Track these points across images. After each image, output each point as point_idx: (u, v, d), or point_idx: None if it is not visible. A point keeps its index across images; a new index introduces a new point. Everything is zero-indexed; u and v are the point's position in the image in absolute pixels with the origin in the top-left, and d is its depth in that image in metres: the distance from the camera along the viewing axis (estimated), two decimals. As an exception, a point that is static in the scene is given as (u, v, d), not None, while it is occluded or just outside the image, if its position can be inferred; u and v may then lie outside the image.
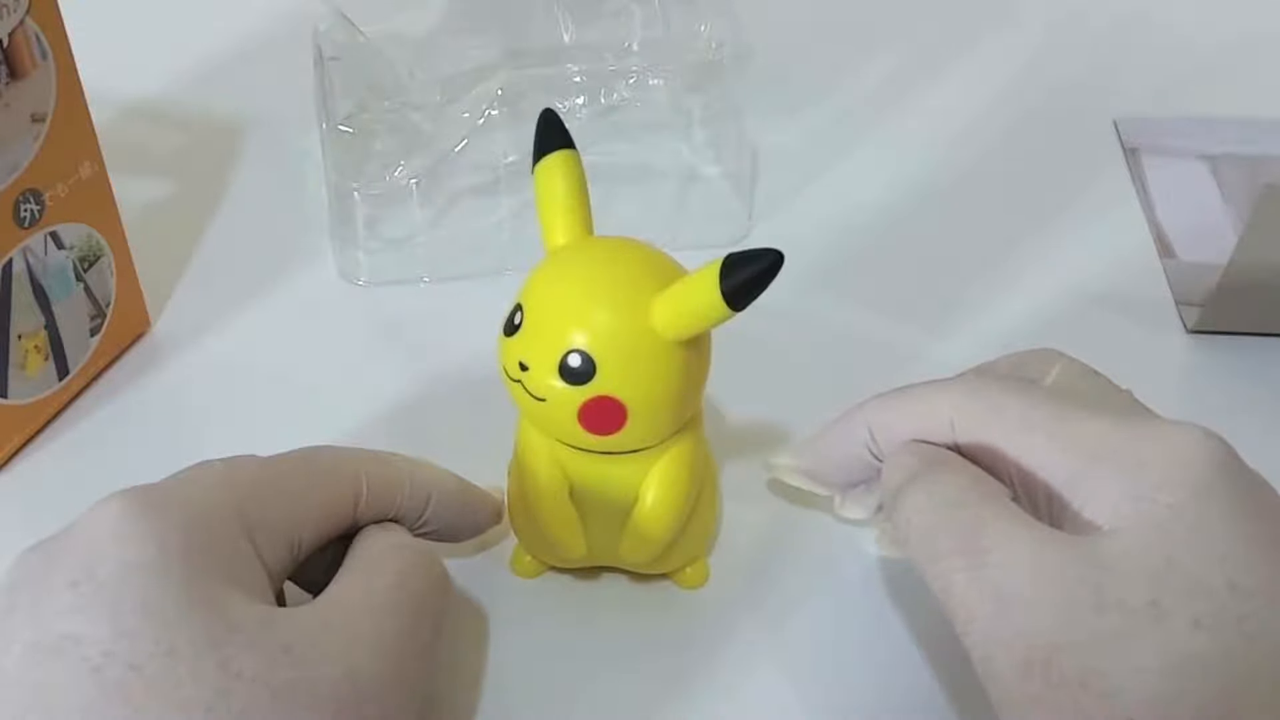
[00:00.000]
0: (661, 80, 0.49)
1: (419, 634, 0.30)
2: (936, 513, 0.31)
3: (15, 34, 0.36)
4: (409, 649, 0.29)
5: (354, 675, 0.27)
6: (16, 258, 0.39)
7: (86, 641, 0.25)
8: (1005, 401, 0.32)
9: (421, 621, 0.30)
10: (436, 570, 0.32)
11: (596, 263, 0.33)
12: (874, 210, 0.51)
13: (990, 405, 0.32)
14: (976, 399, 0.32)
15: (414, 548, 0.32)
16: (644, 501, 0.34)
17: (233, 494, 0.29)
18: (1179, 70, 0.58)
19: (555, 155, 0.34)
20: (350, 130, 0.46)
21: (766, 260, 0.29)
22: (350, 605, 0.29)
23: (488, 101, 0.46)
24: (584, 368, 0.31)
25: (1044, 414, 0.31)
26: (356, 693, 0.27)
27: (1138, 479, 0.29)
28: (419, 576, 0.31)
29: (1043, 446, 0.31)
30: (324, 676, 0.27)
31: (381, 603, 0.29)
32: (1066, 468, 0.30)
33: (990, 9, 0.61)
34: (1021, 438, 0.31)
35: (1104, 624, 0.27)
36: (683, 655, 0.36)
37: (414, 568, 0.31)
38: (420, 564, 0.31)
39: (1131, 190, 0.52)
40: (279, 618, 0.27)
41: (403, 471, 0.34)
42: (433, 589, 0.31)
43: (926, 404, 0.33)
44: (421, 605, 0.30)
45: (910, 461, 0.32)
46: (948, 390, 0.33)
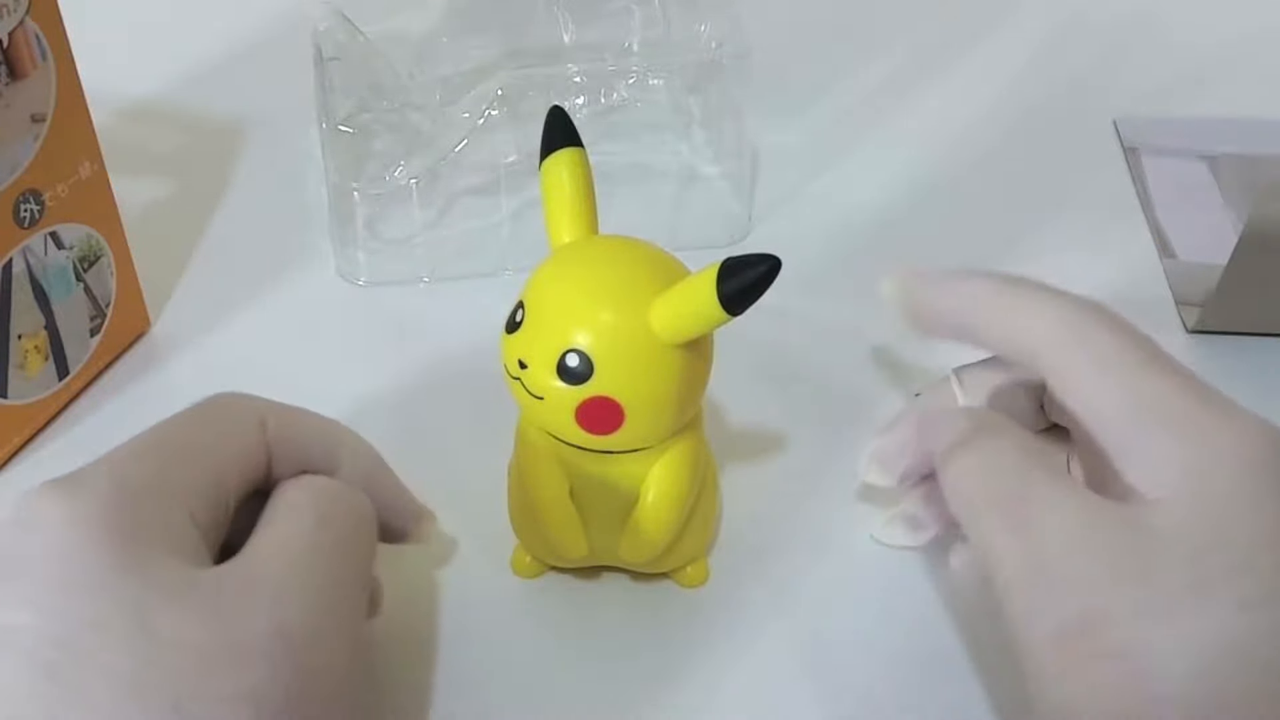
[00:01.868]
0: (661, 80, 0.50)
1: (347, 577, 0.29)
2: (985, 476, 0.30)
3: (15, 34, 0.36)
4: (339, 594, 0.29)
5: (284, 628, 0.27)
6: (16, 258, 0.39)
7: (20, 629, 0.25)
8: (1098, 335, 0.31)
9: (349, 564, 0.30)
10: (360, 510, 0.31)
11: (598, 263, 0.33)
12: (874, 210, 0.51)
13: (1082, 336, 0.31)
14: (1075, 322, 0.31)
15: (332, 490, 0.31)
16: (644, 501, 0.34)
17: (152, 461, 0.29)
18: (1179, 70, 0.58)
19: (562, 153, 0.34)
20: (350, 130, 0.46)
21: (764, 266, 0.29)
22: (274, 556, 0.28)
23: (488, 101, 0.46)
24: (581, 368, 0.31)
25: (1131, 359, 0.30)
26: (289, 645, 0.26)
27: (1200, 449, 0.28)
28: (341, 519, 0.30)
29: (1114, 393, 0.30)
30: (253, 632, 0.26)
31: (305, 550, 0.29)
32: (1132, 421, 0.29)
33: (990, 9, 0.61)
34: (1098, 378, 0.30)
35: (1146, 597, 0.26)
36: (683, 655, 0.36)
37: (335, 510, 0.30)
38: (341, 506, 0.31)
39: (1131, 190, 0.52)
40: (205, 579, 0.27)
41: (312, 419, 0.33)
42: (357, 529, 0.31)
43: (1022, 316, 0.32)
44: (347, 547, 0.30)
45: (963, 424, 0.32)
46: (1048, 305, 0.32)
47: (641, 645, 0.36)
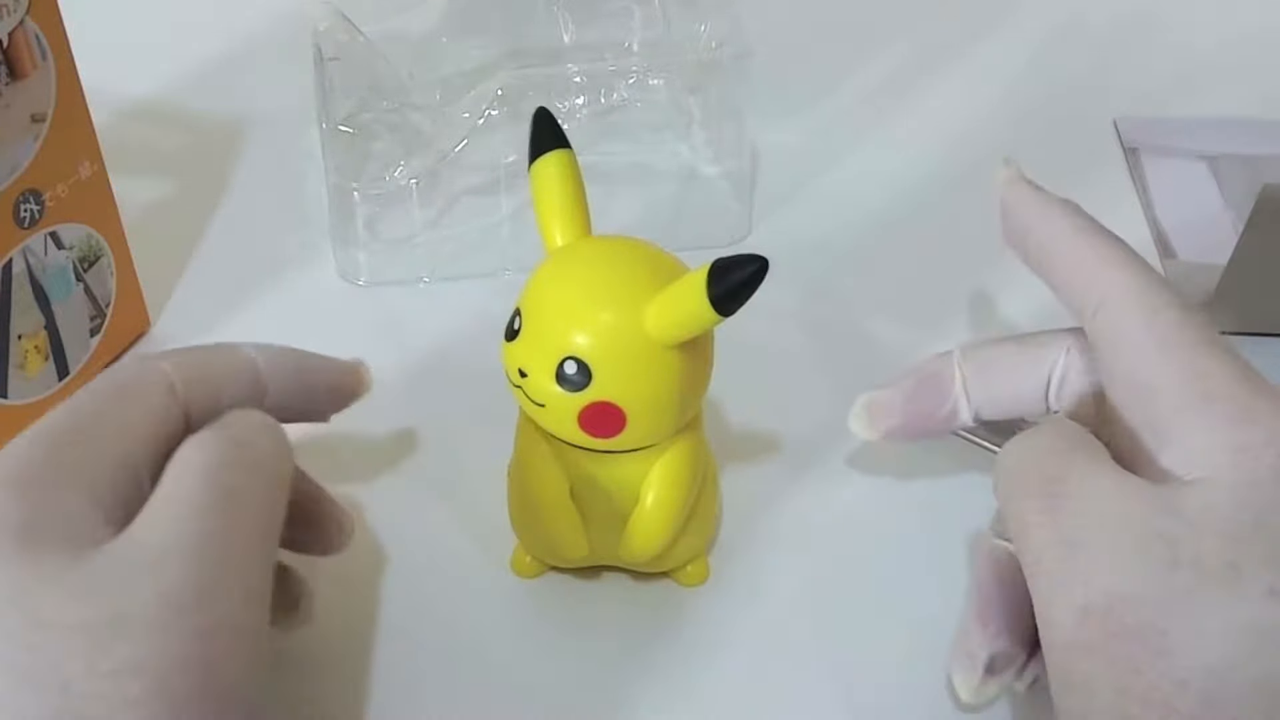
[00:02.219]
0: (661, 80, 0.49)
1: (242, 529, 0.28)
2: (1026, 456, 0.30)
3: (15, 34, 0.36)
4: (231, 548, 0.27)
5: (168, 594, 0.26)
6: (16, 258, 0.39)
7: None
8: (1165, 310, 0.31)
9: (241, 515, 0.28)
10: (254, 454, 0.30)
11: (591, 266, 0.33)
12: (874, 210, 0.51)
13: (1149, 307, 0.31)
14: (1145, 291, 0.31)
15: (218, 439, 0.30)
16: (644, 501, 0.34)
17: (42, 449, 0.28)
18: (1179, 70, 0.58)
19: (550, 156, 0.33)
20: (350, 130, 0.46)
21: (753, 266, 0.29)
22: (158, 522, 0.27)
23: (488, 101, 0.46)
24: (579, 375, 0.31)
25: (1191, 338, 0.30)
26: (176, 609, 0.26)
27: (1247, 434, 0.28)
28: (231, 468, 0.29)
29: (1168, 369, 0.30)
30: (138, 603, 0.25)
31: (190, 511, 0.27)
32: (1181, 399, 0.29)
33: (990, 9, 0.61)
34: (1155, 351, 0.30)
35: (1174, 580, 0.26)
36: (683, 654, 0.36)
37: (222, 460, 0.29)
38: (229, 454, 0.29)
39: (1131, 190, 0.52)
40: (89, 556, 0.26)
41: (220, 359, 0.32)
42: (253, 475, 0.29)
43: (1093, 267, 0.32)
44: (240, 499, 0.28)
45: None
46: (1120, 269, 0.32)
47: (641, 645, 0.36)
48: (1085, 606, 0.27)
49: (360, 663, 0.36)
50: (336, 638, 0.36)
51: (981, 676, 0.33)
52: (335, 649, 0.36)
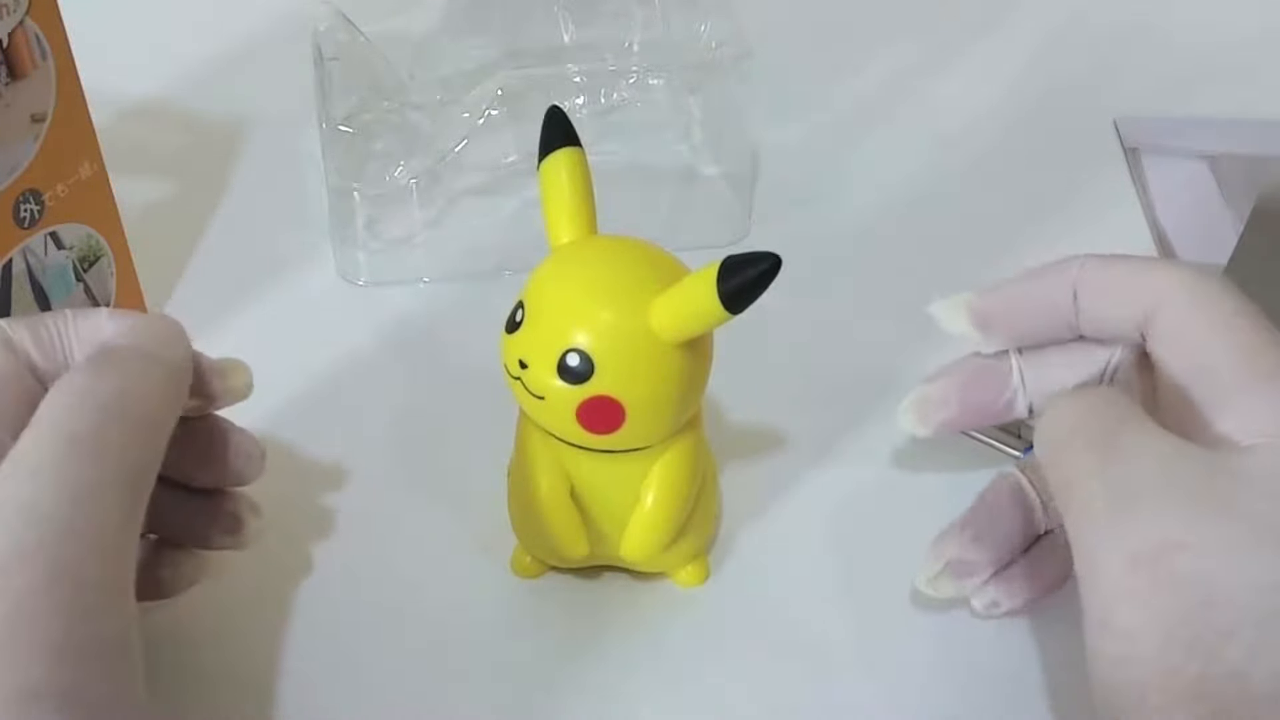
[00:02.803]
0: (661, 80, 0.49)
1: (86, 479, 0.27)
2: (1076, 412, 0.30)
3: (15, 34, 0.36)
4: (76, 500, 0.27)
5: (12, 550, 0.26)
6: (16, 258, 0.39)
7: None
8: (1219, 298, 0.31)
9: (91, 463, 0.27)
10: (115, 396, 0.29)
11: (598, 262, 0.33)
12: (873, 210, 0.51)
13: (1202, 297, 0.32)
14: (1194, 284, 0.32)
15: (72, 385, 0.29)
16: (644, 501, 0.34)
17: None
18: (1179, 70, 0.58)
19: (560, 153, 0.34)
20: (350, 130, 0.46)
21: (765, 264, 0.29)
22: (6, 478, 0.27)
23: (488, 101, 0.46)
24: (582, 367, 0.31)
25: (1244, 322, 0.31)
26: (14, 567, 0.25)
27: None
28: (81, 414, 0.28)
29: (1225, 348, 0.30)
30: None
31: (27, 463, 0.27)
32: (1237, 373, 0.30)
33: (990, 9, 0.61)
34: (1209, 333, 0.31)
35: (1228, 532, 0.27)
36: (683, 654, 0.36)
37: (72, 407, 0.28)
38: (81, 401, 0.28)
39: (1131, 190, 0.52)
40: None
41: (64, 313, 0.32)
42: (111, 419, 0.28)
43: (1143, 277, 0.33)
44: (87, 445, 0.28)
45: None
46: (1169, 269, 0.33)
47: (641, 645, 0.36)
48: (1135, 554, 0.27)
49: (360, 662, 0.36)
50: (336, 637, 0.36)
51: (938, 570, 0.35)
52: (335, 648, 0.36)
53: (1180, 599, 0.26)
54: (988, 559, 0.35)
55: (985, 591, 0.36)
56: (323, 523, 0.39)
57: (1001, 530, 0.35)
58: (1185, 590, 0.26)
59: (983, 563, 0.35)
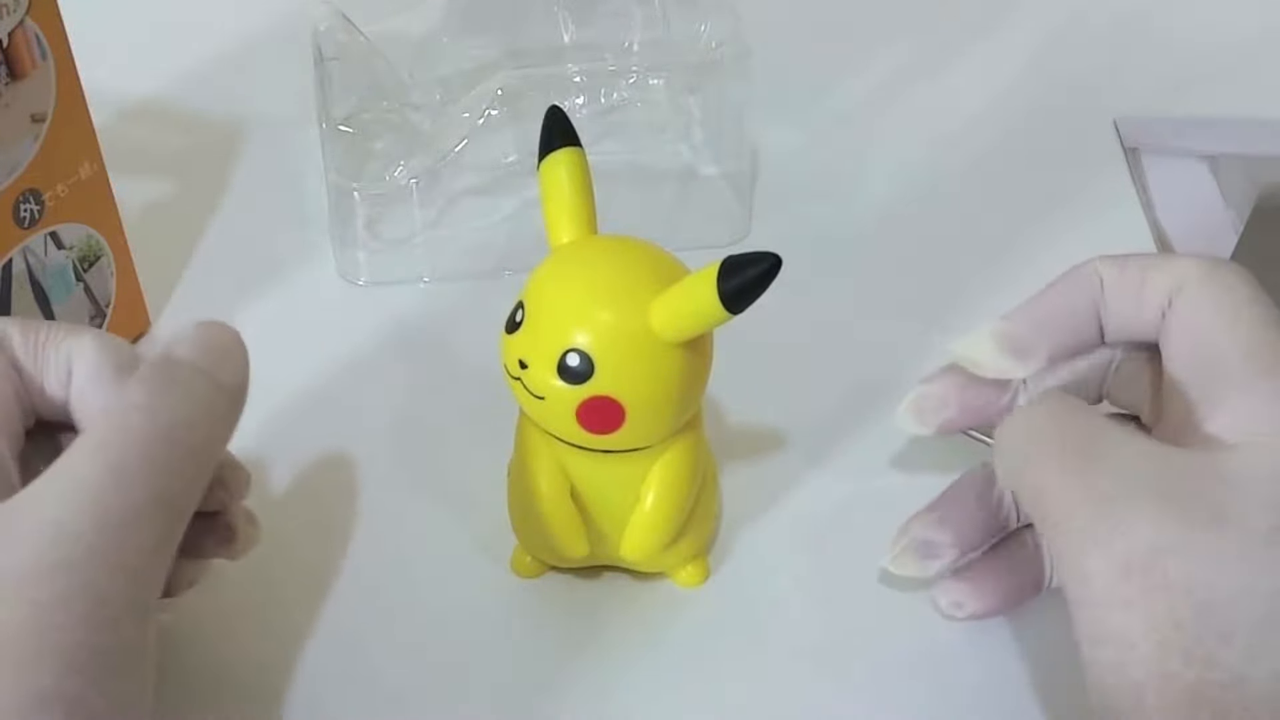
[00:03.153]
0: (661, 80, 0.49)
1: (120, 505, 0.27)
2: (1048, 421, 0.30)
3: (15, 34, 0.36)
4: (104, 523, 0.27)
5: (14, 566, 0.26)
6: (16, 258, 0.39)
7: None
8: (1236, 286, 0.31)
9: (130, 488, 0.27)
10: (164, 425, 0.29)
11: (598, 262, 0.33)
12: (873, 210, 0.51)
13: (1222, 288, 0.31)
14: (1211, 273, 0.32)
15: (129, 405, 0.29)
16: (644, 501, 0.34)
17: None
18: (1179, 70, 0.58)
19: (561, 153, 0.34)
20: (350, 130, 0.46)
21: (765, 263, 0.29)
22: (38, 486, 0.27)
23: (488, 101, 0.46)
24: (582, 367, 0.31)
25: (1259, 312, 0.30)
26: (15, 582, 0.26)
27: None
28: (123, 442, 0.28)
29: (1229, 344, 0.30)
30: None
31: (65, 477, 0.27)
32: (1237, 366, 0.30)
33: (990, 9, 0.61)
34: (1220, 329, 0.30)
35: (1219, 539, 0.27)
36: (683, 654, 0.36)
37: (120, 432, 0.28)
38: (126, 425, 0.28)
39: (1131, 190, 0.52)
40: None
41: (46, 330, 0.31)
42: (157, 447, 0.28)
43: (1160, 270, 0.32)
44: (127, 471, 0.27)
45: None
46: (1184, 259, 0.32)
47: (641, 645, 0.36)
48: (1126, 561, 0.27)
49: (359, 662, 0.36)
50: (336, 637, 0.36)
51: (904, 547, 0.36)
52: (334, 648, 0.36)
53: (1175, 603, 0.26)
54: (951, 540, 0.35)
55: (949, 588, 0.36)
56: (322, 522, 0.39)
57: (967, 514, 0.35)
58: (1179, 595, 0.26)
59: (946, 544, 0.35)
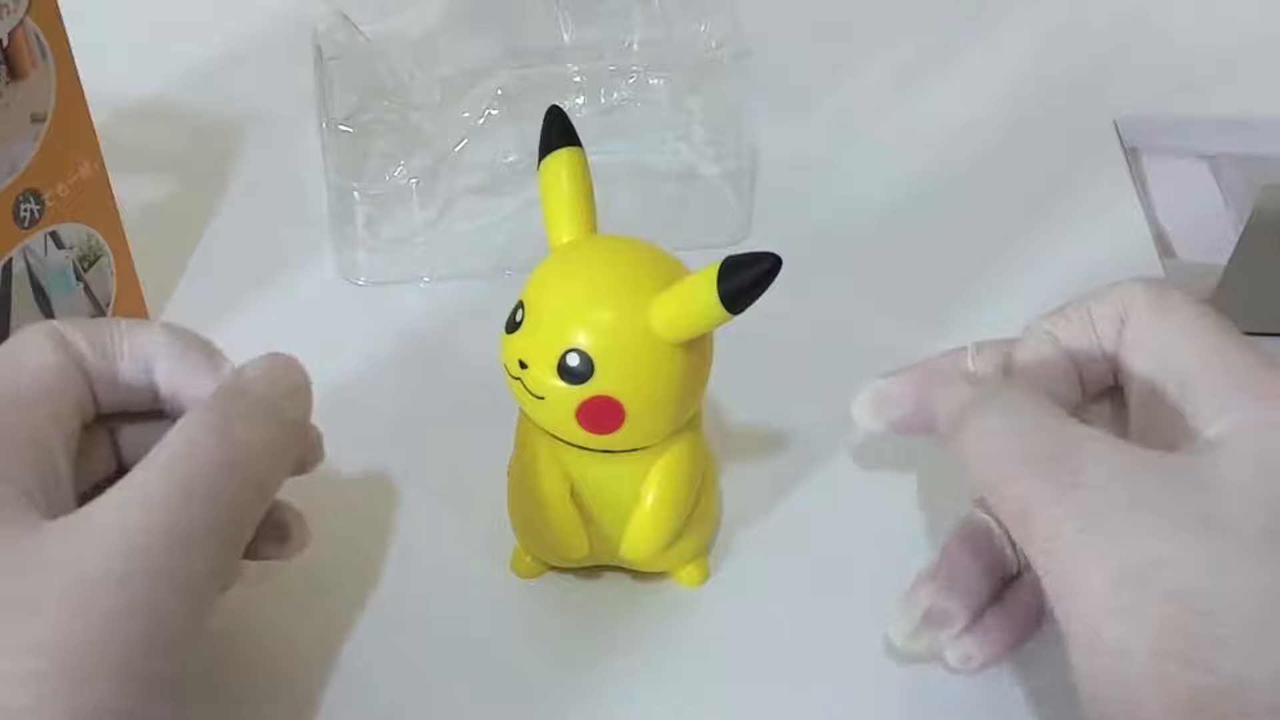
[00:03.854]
0: (661, 80, 0.49)
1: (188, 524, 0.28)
2: (1013, 434, 0.30)
3: (15, 34, 0.36)
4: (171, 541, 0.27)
5: (82, 578, 0.26)
6: (16, 258, 0.39)
7: None
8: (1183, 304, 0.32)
9: (196, 510, 0.28)
10: (234, 450, 0.29)
11: (598, 262, 0.33)
12: (873, 210, 0.51)
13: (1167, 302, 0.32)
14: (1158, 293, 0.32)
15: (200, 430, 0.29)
16: (645, 501, 0.34)
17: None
18: (1179, 70, 0.58)
19: (561, 153, 0.34)
20: (350, 130, 0.46)
21: (765, 264, 0.29)
22: (107, 506, 0.27)
23: (488, 101, 0.46)
24: (582, 367, 0.31)
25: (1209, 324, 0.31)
26: (88, 593, 0.26)
27: (1267, 406, 0.28)
28: (198, 462, 0.29)
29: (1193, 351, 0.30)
30: (50, 584, 0.26)
31: (137, 498, 0.28)
32: (1205, 378, 0.30)
33: (990, 9, 0.61)
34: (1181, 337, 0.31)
35: (1211, 544, 0.27)
36: (683, 654, 0.36)
37: (189, 452, 0.29)
38: (197, 447, 0.29)
39: (1131, 190, 0.52)
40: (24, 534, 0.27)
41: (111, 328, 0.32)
42: (224, 472, 0.29)
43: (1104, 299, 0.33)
44: (197, 492, 0.28)
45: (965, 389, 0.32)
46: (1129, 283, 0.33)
47: (641, 645, 0.36)
48: (1121, 572, 0.27)
49: (359, 662, 0.36)
50: (337, 637, 0.36)
51: (916, 623, 0.33)
52: (335, 648, 0.36)
53: (1172, 612, 0.26)
54: (963, 605, 0.33)
55: (956, 644, 0.34)
56: (322, 522, 0.39)
57: (974, 574, 0.34)
58: (1175, 602, 0.26)
59: (958, 610, 0.33)
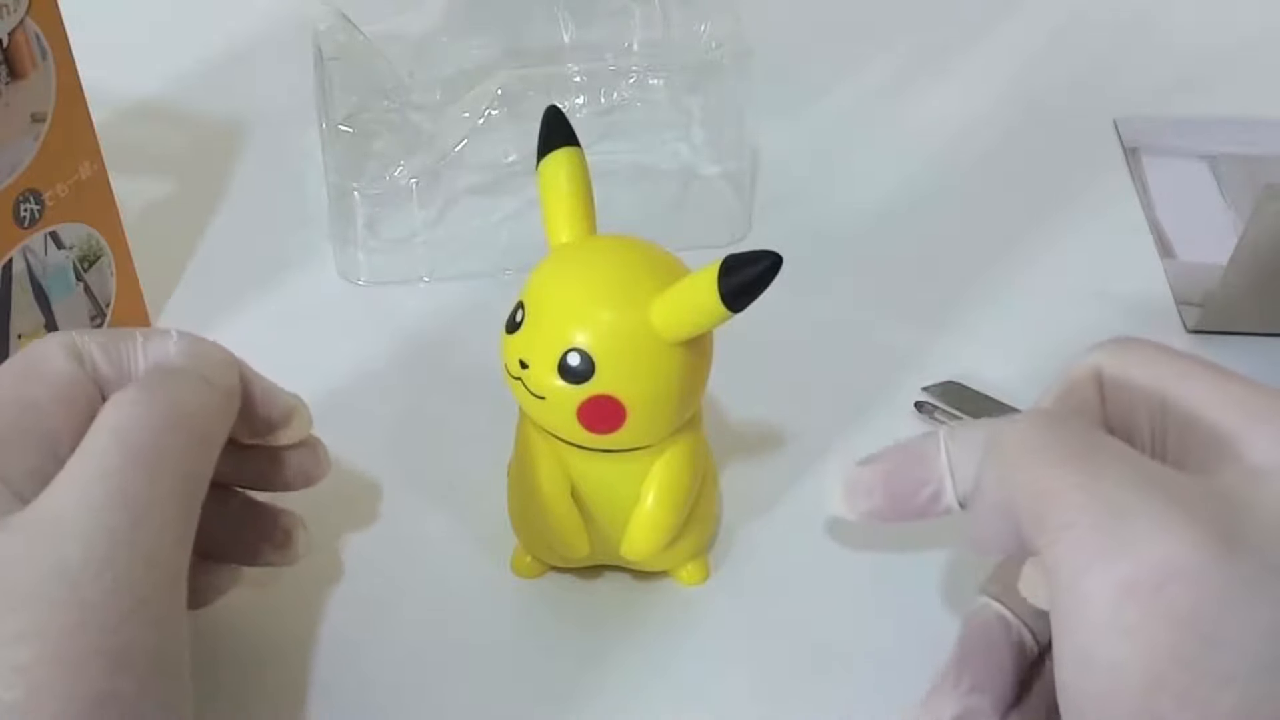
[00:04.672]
0: (661, 80, 0.49)
1: (148, 492, 0.27)
2: (1042, 431, 0.28)
3: (15, 34, 0.36)
4: (137, 511, 0.27)
5: (60, 565, 0.26)
6: (16, 258, 0.39)
7: None
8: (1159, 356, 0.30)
9: (152, 476, 0.28)
10: (173, 410, 0.29)
11: (598, 262, 0.33)
12: (874, 210, 0.51)
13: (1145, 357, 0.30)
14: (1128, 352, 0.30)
15: (132, 397, 0.29)
16: (645, 500, 0.34)
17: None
18: (1179, 70, 0.58)
19: (559, 153, 0.34)
20: (350, 130, 0.46)
21: (765, 262, 0.29)
22: (64, 488, 0.27)
23: (488, 101, 0.46)
24: (583, 367, 0.31)
25: (1202, 370, 0.29)
26: (69, 581, 0.26)
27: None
28: (143, 427, 0.28)
29: (1200, 396, 0.28)
30: (30, 575, 0.26)
31: (93, 473, 0.27)
32: (1223, 421, 0.28)
33: (990, 9, 0.61)
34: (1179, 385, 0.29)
35: (1231, 566, 0.24)
36: (683, 654, 0.36)
37: (134, 419, 0.28)
38: (141, 413, 0.28)
39: (1131, 190, 0.52)
40: None
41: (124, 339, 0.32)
42: (170, 434, 0.28)
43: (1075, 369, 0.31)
44: (149, 457, 0.28)
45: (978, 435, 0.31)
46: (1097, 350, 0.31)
47: (641, 645, 0.36)
48: (1129, 581, 0.25)
49: (359, 663, 0.36)
50: (336, 637, 0.36)
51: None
52: (336, 648, 0.36)
53: (1175, 636, 0.24)
54: (992, 703, 0.31)
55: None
56: (322, 523, 0.39)
57: (997, 669, 0.31)
58: (1182, 627, 0.24)
59: (987, 709, 0.31)
